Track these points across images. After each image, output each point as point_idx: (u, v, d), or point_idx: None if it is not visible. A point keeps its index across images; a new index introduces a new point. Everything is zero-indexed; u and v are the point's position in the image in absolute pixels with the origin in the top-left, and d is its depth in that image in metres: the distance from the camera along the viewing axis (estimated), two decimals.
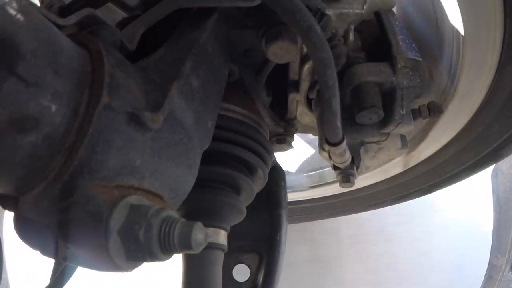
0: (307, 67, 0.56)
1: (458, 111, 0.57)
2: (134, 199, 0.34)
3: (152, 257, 0.33)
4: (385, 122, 0.52)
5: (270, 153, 0.59)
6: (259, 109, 0.61)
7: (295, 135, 0.71)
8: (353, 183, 0.56)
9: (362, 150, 0.55)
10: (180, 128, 0.40)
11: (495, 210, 1.31)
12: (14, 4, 0.27)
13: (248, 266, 0.66)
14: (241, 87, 0.58)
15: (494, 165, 0.88)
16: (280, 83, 0.62)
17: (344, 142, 0.50)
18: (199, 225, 0.33)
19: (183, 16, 0.46)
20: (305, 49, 0.55)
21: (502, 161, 1.08)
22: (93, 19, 0.39)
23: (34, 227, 0.36)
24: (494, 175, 1.31)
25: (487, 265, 1.27)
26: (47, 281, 0.48)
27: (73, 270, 0.49)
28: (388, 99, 0.52)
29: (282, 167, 0.73)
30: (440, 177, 0.78)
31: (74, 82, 0.31)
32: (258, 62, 0.56)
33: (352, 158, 0.55)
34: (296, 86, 0.59)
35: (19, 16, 0.27)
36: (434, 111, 0.52)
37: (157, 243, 0.32)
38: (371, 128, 0.53)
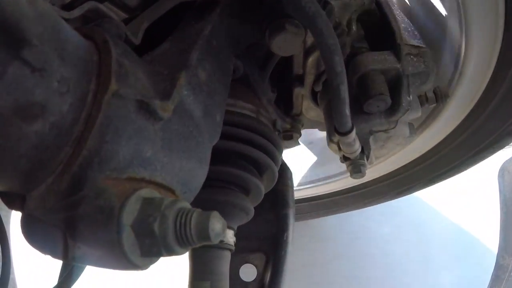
0: (311, 59, 0.55)
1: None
2: (146, 192, 0.32)
3: (169, 250, 0.31)
4: (392, 109, 0.51)
5: (280, 152, 0.58)
6: (265, 105, 0.59)
7: None
8: (364, 173, 0.54)
9: (371, 139, 0.53)
10: (190, 120, 0.38)
11: (501, 210, 1.30)
12: None
13: (255, 266, 0.64)
14: (245, 84, 0.57)
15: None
16: (284, 79, 0.61)
17: (354, 131, 0.49)
18: (216, 214, 0.31)
19: (186, 10, 0.45)
20: (308, 42, 0.54)
21: (509, 161, 1.07)
22: (97, 12, 0.37)
23: (42, 229, 0.34)
24: (501, 175, 1.30)
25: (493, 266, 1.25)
26: (54, 281, 0.46)
27: (81, 270, 0.47)
28: (395, 87, 0.51)
29: (289, 166, 0.71)
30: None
31: (81, 70, 0.29)
32: (261, 57, 0.55)
33: (362, 149, 0.53)
34: (300, 80, 0.58)
35: (24, 1, 0.26)
36: (441, 96, 0.51)
37: (173, 235, 0.30)
38: (379, 116, 0.51)
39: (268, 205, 0.66)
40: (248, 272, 0.64)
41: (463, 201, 1.63)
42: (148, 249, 0.31)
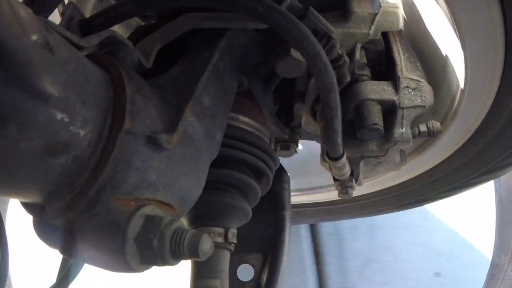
0: (313, 80, 0.60)
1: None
2: (148, 209, 0.40)
3: (164, 262, 0.39)
4: (385, 139, 0.57)
5: (275, 160, 0.65)
6: (266, 117, 0.66)
7: None
8: (351, 195, 0.61)
9: (361, 164, 0.60)
10: (191, 143, 0.45)
11: (497, 209, 1.35)
12: (45, 41, 0.31)
13: (252, 266, 0.70)
14: (249, 96, 0.63)
15: None
16: (287, 92, 0.67)
17: (344, 157, 0.55)
18: (206, 236, 0.39)
19: (195, 33, 0.51)
20: None
21: None
22: (113, 40, 0.43)
23: (54, 230, 0.41)
24: None
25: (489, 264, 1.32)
26: (49, 280, 0.52)
27: (79, 269, 0.52)
28: (389, 117, 0.56)
29: (286, 170, 0.78)
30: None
31: (99, 108, 0.36)
32: (266, 75, 0.61)
33: (352, 171, 0.60)
34: (302, 97, 0.64)
35: (49, 52, 0.31)
36: (433, 131, 0.56)
37: (169, 251, 0.38)
38: (371, 143, 0.57)
39: (266, 207, 0.73)
40: (246, 272, 0.69)
41: (458, 200, 1.68)
42: (147, 259, 0.39)
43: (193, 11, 0.48)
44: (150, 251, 0.38)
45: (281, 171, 0.76)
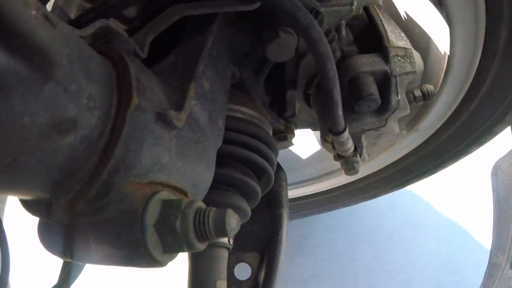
0: (303, 63, 0.61)
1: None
2: (164, 195, 0.38)
3: (189, 246, 0.37)
4: (382, 109, 0.58)
5: (277, 155, 0.64)
6: (260, 108, 0.66)
7: None
8: (357, 170, 0.61)
9: (363, 138, 0.60)
10: (198, 127, 0.44)
11: (494, 208, 1.39)
12: (45, 15, 0.30)
13: (250, 265, 0.69)
14: (242, 88, 0.63)
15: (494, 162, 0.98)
16: (278, 81, 0.67)
17: (347, 131, 0.55)
18: (230, 211, 0.37)
19: (185, 22, 0.51)
20: (300, 47, 0.61)
21: (502, 159, 1.18)
22: (108, 29, 0.43)
23: (61, 234, 0.38)
24: (494, 173, 1.38)
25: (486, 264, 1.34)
26: (50, 282, 0.50)
27: (80, 269, 0.51)
28: (384, 87, 0.58)
29: (283, 168, 0.78)
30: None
31: (105, 86, 0.35)
32: (257, 63, 0.62)
33: (355, 147, 0.60)
34: (293, 83, 0.65)
35: (51, 26, 0.30)
36: (428, 94, 0.58)
37: (193, 232, 0.36)
38: (370, 115, 0.59)
39: (263, 205, 0.72)
40: (243, 271, 0.68)
41: (456, 199, 1.73)
42: (170, 246, 0.37)
43: (181, 2, 0.49)
44: (174, 236, 0.36)
45: (278, 168, 0.76)
